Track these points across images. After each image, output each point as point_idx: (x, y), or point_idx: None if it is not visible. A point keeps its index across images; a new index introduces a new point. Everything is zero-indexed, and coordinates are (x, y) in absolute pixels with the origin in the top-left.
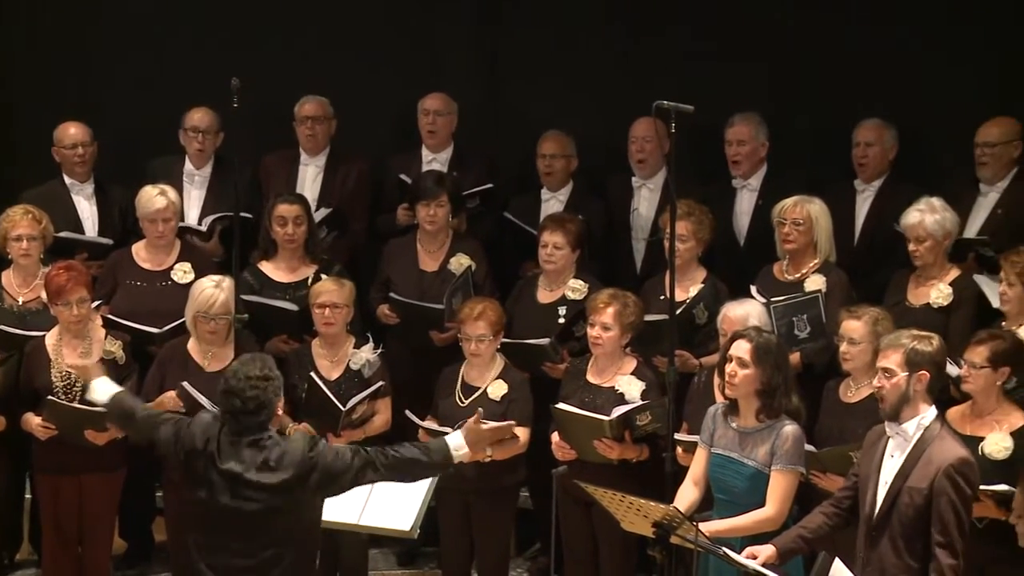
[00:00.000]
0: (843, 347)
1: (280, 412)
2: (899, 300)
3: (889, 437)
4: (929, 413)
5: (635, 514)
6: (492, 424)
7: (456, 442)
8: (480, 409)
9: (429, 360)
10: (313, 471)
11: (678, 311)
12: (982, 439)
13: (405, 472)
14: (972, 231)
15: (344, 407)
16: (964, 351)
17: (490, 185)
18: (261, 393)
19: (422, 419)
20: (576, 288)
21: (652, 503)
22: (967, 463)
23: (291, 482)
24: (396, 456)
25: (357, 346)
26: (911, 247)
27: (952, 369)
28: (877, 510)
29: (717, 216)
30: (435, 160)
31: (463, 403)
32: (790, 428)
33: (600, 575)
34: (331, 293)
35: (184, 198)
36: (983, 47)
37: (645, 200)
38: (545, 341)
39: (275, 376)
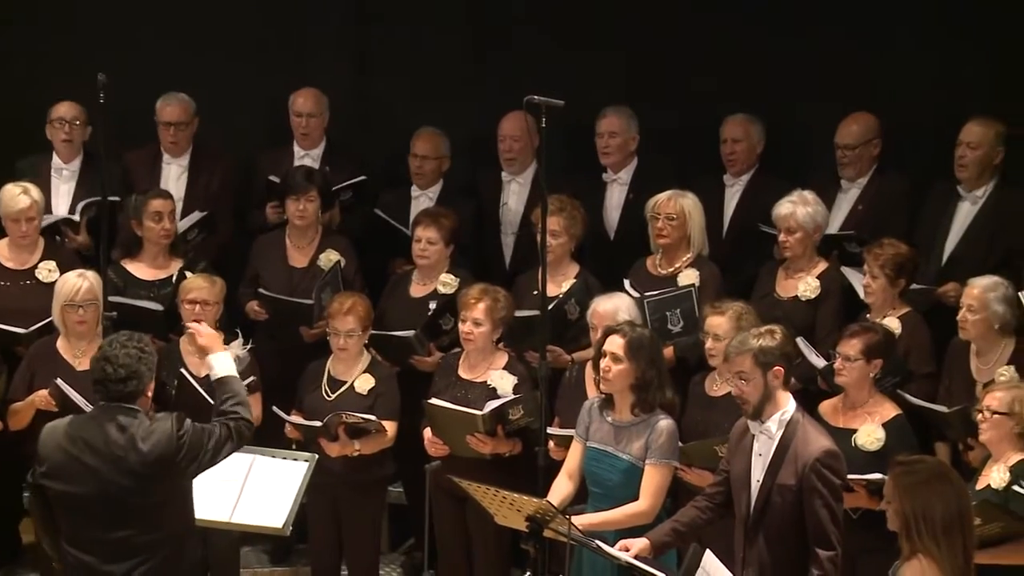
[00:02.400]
0: (708, 342)
1: (149, 394)
2: (768, 292)
3: (754, 435)
4: (789, 406)
5: (508, 508)
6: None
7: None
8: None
9: (298, 356)
10: (180, 451)
11: (550, 306)
12: (855, 431)
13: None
14: (834, 226)
15: (215, 403)
16: (837, 344)
17: (363, 178)
18: (134, 362)
19: (289, 414)
20: (447, 282)
21: (525, 497)
22: (831, 454)
23: (159, 462)
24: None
25: (227, 342)
26: (781, 238)
27: (818, 360)
28: (752, 510)
29: (587, 210)
30: (307, 156)
31: (329, 397)
32: (664, 423)
33: (474, 570)
34: (202, 290)
35: (52, 193)
36: (848, 42)
37: (515, 195)
38: (410, 333)
39: (150, 352)
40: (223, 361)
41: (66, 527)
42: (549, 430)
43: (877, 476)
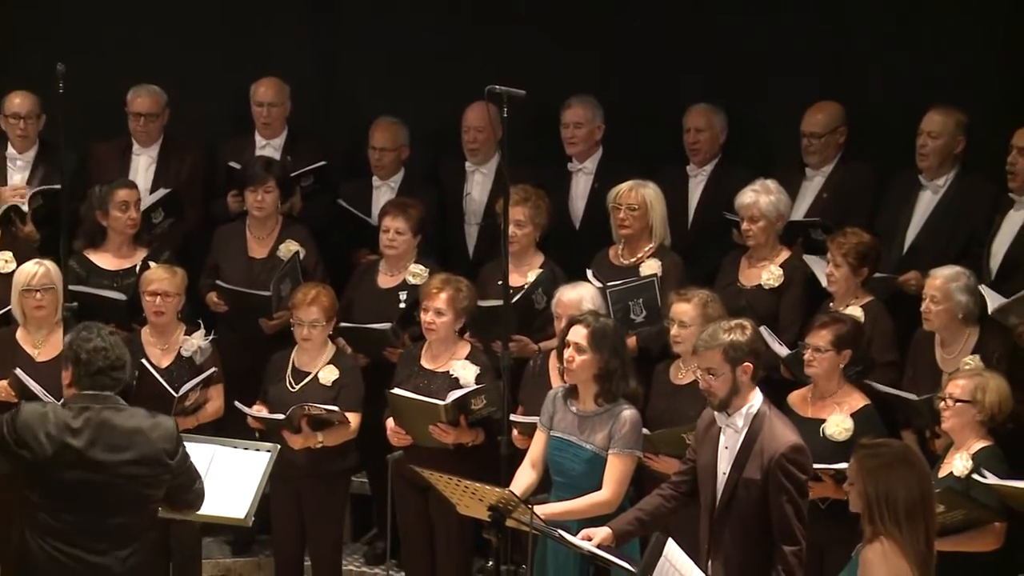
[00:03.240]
0: (673, 330)
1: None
2: (731, 281)
3: (721, 427)
4: (756, 400)
5: (471, 498)
6: None
7: None
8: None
9: (261, 347)
10: (178, 451)
11: (517, 296)
12: (823, 421)
13: None
14: (799, 215)
15: (176, 394)
16: (806, 335)
17: (323, 163)
18: (124, 352)
19: (251, 406)
20: (417, 273)
21: (488, 487)
22: (796, 449)
23: (165, 454)
24: None
25: (188, 333)
26: (744, 226)
27: (781, 349)
28: (718, 502)
29: (552, 200)
30: (268, 145)
31: (293, 388)
32: (628, 412)
33: (436, 560)
34: (162, 281)
35: (8, 182)
36: (814, 31)
37: (478, 185)
38: (386, 326)
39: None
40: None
41: (48, 520)
42: (513, 418)
43: (844, 466)
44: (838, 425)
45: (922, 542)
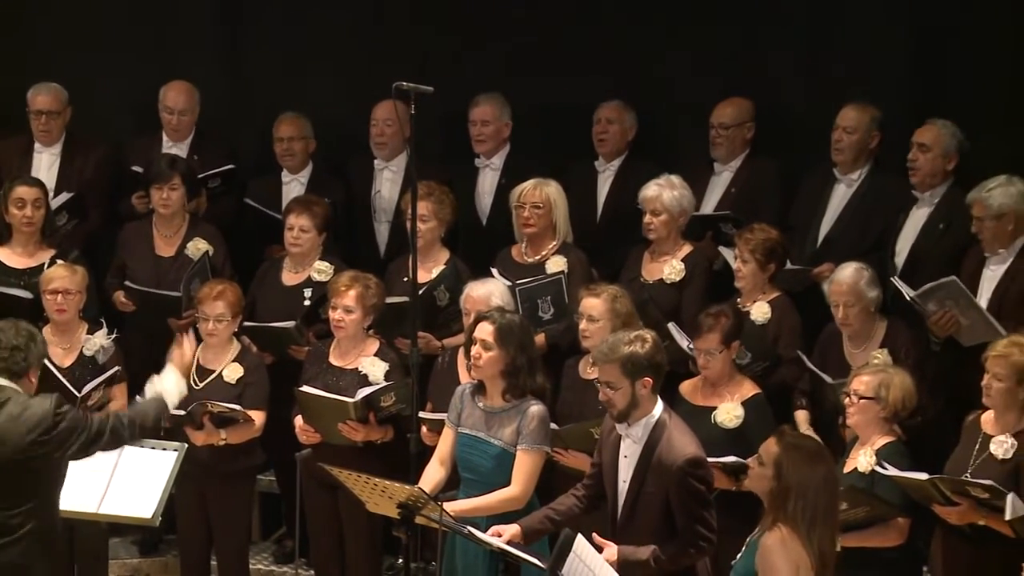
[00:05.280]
0: (582, 324)
1: (33, 380)
2: (635, 276)
3: (622, 435)
4: (656, 410)
5: (380, 495)
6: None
7: (166, 378)
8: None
9: (166, 346)
10: (54, 429)
11: (420, 292)
12: (714, 409)
13: (142, 422)
14: (708, 210)
15: (79, 393)
16: (695, 340)
17: (231, 166)
18: (24, 340)
19: None
20: (322, 270)
21: (397, 484)
22: (694, 462)
23: (33, 438)
24: (130, 412)
25: (91, 332)
26: (646, 219)
27: (685, 342)
28: (620, 511)
29: (459, 196)
30: (175, 147)
31: (198, 385)
32: (535, 408)
33: (345, 558)
34: (63, 280)
35: None
36: (722, 27)
37: (387, 182)
38: (290, 324)
39: (41, 341)
40: (168, 383)
41: None
42: (421, 414)
43: (732, 459)
44: (729, 413)
45: (827, 540)
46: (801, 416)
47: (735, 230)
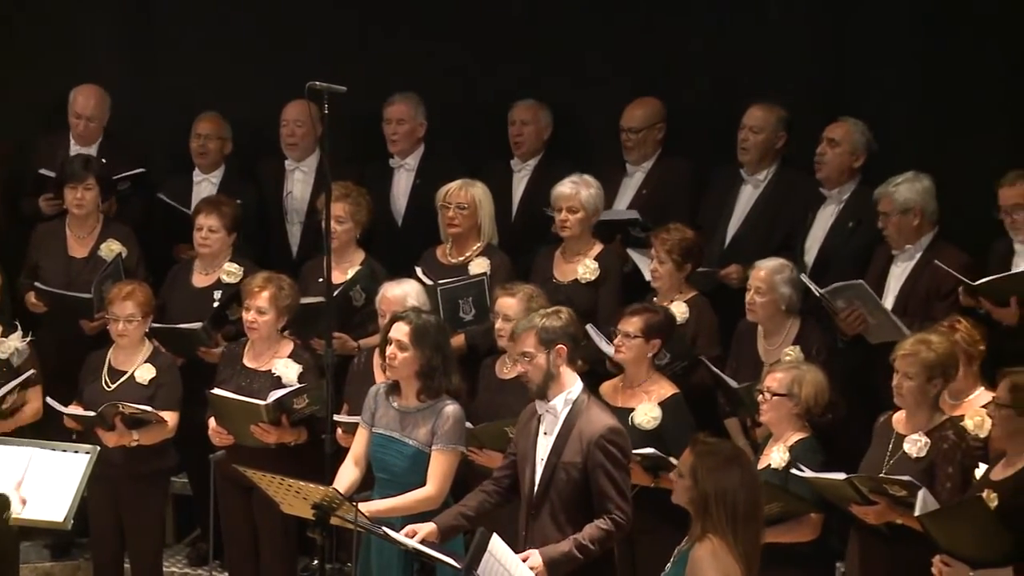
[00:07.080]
0: (498, 323)
1: None
2: (548, 278)
3: (541, 415)
4: (575, 387)
5: (295, 496)
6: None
7: None
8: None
9: (81, 347)
10: None
11: (335, 293)
12: (632, 410)
13: None
14: (620, 210)
15: None
16: (618, 321)
17: (142, 169)
18: None
19: (67, 405)
20: (232, 272)
21: (311, 485)
22: (615, 431)
23: None
24: None
25: (5, 335)
26: (561, 216)
27: (608, 348)
28: (536, 488)
29: (374, 197)
30: (82, 150)
31: (110, 387)
32: (451, 408)
33: (261, 559)
34: None
35: None
36: (631, 29)
37: (299, 183)
38: (197, 325)
39: None
40: None
41: None
42: (336, 417)
43: (650, 451)
44: (647, 414)
45: (752, 543)
46: (733, 425)
47: (644, 233)
